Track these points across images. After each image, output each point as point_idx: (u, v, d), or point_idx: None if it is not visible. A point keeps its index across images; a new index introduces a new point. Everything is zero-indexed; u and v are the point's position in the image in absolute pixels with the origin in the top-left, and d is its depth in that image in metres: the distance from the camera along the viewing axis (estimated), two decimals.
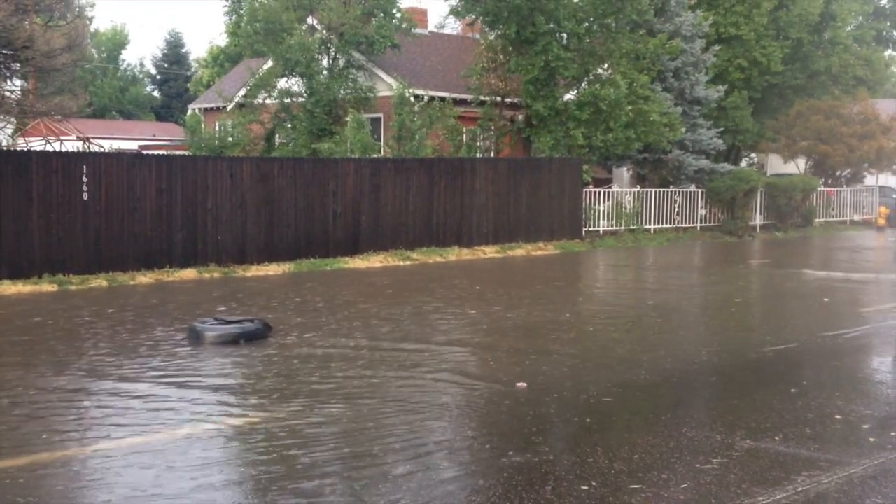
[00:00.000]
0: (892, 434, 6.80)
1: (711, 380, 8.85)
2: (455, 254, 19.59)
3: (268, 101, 24.60)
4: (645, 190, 25.28)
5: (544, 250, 20.94)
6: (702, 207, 26.17)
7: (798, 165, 31.03)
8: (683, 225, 25.61)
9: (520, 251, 20.55)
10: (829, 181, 30.36)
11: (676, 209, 25.65)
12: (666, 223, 25.29)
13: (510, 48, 23.80)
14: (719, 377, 8.91)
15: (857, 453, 6.32)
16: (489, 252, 20.19)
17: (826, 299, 14.27)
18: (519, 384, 8.24)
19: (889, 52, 35.00)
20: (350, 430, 6.90)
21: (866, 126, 29.06)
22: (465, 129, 24.40)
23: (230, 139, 23.73)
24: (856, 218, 30.48)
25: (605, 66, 24.16)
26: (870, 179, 32.47)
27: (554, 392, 8.06)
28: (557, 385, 8.30)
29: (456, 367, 9.13)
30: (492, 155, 25.13)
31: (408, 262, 18.48)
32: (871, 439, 6.66)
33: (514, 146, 25.15)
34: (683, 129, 24.49)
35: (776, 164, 33.99)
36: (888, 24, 34.42)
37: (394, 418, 7.19)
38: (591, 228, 23.67)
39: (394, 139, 22.12)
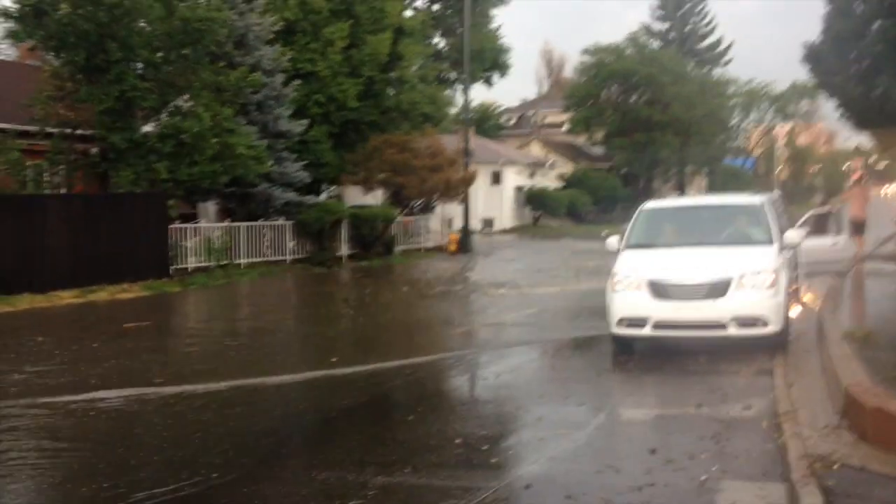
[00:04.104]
0: (510, 452, 7.03)
1: (332, 416, 8.59)
2: (27, 301, 17.43)
3: None
4: (234, 224, 24.71)
5: (131, 292, 19.42)
6: (291, 240, 26.23)
7: (376, 196, 32.55)
8: (274, 258, 25.43)
9: (103, 294, 18.84)
10: (406, 211, 32.21)
11: (267, 242, 25.42)
12: (256, 257, 24.92)
13: (80, 76, 21.88)
14: (339, 414, 8.67)
15: (483, 476, 6.39)
16: (67, 297, 18.24)
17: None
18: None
19: (448, 91, 38.27)
20: None
21: (435, 159, 31.30)
22: (31, 164, 21.94)
23: None
24: (430, 245, 32.66)
25: (186, 97, 23.23)
26: (439, 208, 35.02)
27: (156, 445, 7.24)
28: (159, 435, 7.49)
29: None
30: (64, 191, 22.87)
31: None
32: (493, 460, 6.81)
33: (88, 182, 23.14)
34: (270, 163, 24.37)
35: (355, 196, 35.31)
36: (447, 65, 37.68)
37: None
38: (180, 266, 22.54)
39: None
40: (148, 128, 22.77)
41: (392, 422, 8.20)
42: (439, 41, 38.78)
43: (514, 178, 49.01)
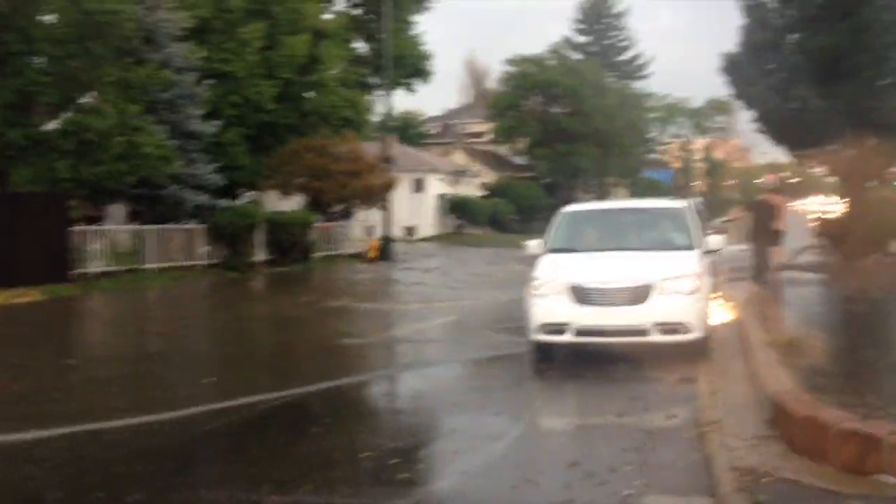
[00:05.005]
0: (421, 467, 6.48)
1: (227, 429, 7.89)
2: None
3: None
4: (142, 227, 23.63)
5: (27, 297, 18.28)
6: (204, 244, 25.23)
7: (295, 202, 31.66)
8: (186, 263, 24.40)
9: None
10: (325, 217, 31.41)
11: (177, 247, 24.37)
12: (167, 262, 23.86)
13: None
14: (236, 426, 7.99)
15: (390, 494, 5.84)
16: None
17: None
18: None
19: (369, 96, 37.50)
20: None
21: (354, 164, 30.61)
22: None
23: None
24: (350, 251, 31.91)
25: (92, 93, 22.15)
26: (360, 215, 34.26)
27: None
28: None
29: None
30: None
31: None
32: (402, 475, 6.25)
33: None
34: (180, 163, 23.35)
35: (273, 201, 34.40)
36: (368, 70, 36.97)
37: None
38: (85, 270, 21.43)
39: None
40: (52, 125, 21.64)
41: (295, 434, 7.54)
42: (361, 46, 38.09)
43: (436, 186, 48.63)
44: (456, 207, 48.89)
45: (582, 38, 70.03)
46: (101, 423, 7.87)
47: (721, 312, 12.75)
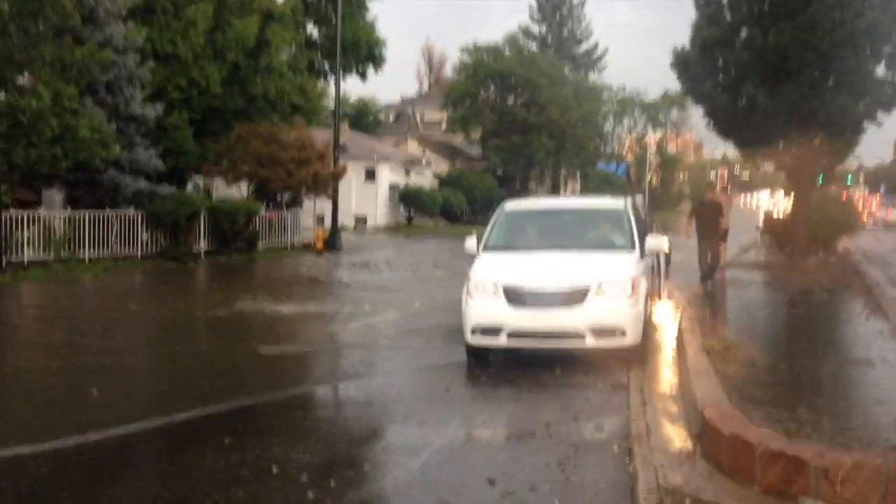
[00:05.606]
0: (331, 485, 6.11)
1: (132, 441, 7.46)
2: None
3: None
4: (77, 213, 22.85)
5: None
6: (143, 232, 24.50)
7: (241, 189, 31.04)
8: (123, 252, 23.66)
9: None
10: (271, 205, 30.82)
11: (115, 235, 23.61)
12: (104, 250, 23.13)
13: None
14: (143, 438, 7.56)
15: None
16: None
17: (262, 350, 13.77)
18: None
19: (322, 82, 36.90)
20: None
21: (303, 152, 30.02)
22: None
23: None
24: (296, 242, 31.35)
25: (26, 74, 21.29)
26: (307, 204, 33.70)
27: None
28: None
29: None
30: None
31: None
32: (310, 494, 5.88)
33: None
34: (119, 148, 22.58)
35: (222, 188, 33.69)
36: (319, 55, 36.31)
37: None
38: (15, 258, 20.68)
39: None
40: None
41: (204, 446, 7.12)
42: (312, 30, 37.37)
43: (389, 176, 48.13)
44: (408, 198, 48.47)
45: (539, 28, 69.87)
46: None
47: (659, 315, 12.56)
